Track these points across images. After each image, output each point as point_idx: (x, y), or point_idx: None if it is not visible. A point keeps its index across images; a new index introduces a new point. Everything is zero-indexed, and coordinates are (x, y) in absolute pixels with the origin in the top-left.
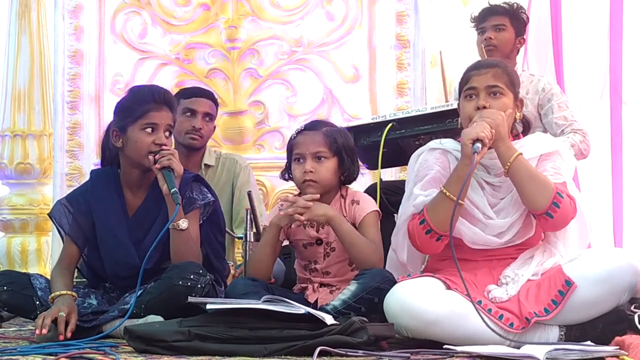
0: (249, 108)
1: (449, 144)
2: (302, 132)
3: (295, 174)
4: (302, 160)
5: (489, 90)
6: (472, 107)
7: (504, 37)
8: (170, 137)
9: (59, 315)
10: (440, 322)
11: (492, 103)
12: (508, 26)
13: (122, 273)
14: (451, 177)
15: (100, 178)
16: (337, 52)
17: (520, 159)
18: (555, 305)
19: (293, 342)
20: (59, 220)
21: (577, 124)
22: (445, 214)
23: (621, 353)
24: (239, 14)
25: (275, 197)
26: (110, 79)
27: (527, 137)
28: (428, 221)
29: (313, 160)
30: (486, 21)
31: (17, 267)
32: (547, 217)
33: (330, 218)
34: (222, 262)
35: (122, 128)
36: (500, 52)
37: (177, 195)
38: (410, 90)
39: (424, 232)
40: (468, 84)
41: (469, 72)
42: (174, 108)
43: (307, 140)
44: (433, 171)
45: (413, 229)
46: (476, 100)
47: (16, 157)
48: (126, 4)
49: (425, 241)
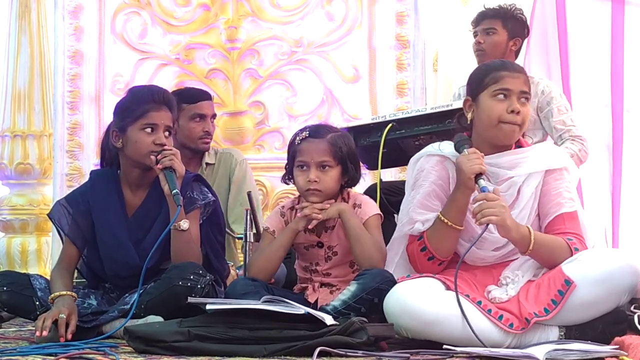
0: (248, 108)
1: (448, 149)
2: (307, 140)
3: (298, 180)
4: (305, 168)
5: (522, 96)
6: (504, 108)
7: (493, 41)
8: (170, 137)
9: (59, 317)
10: (440, 322)
11: (522, 109)
12: (499, 29)
13: (122, 273)
14: (450, 206)
15: (99, 178)
16: (337, 53)
17: (536, 239)
18: (555, 305)
19: (293, 342)
20: (58, 220)
21: (576, 130)
22: (447, 242)
23: (621, 353)
24: (239, 15)
25: (275, 198)
26: (110, 79)
27: (532, 148)
28: (430, 249)
29: (317, 169)
30: (479, 25)
31: (17, 267)
32: None
33: (342, 211)
34: (222, 262)
35: (122, 128)
36: (491, 56)
37: (179, 196)
38: (410, 91)
39: (425, 258)
40: (500, 84)
41: (499, 71)
42: (173, 108)
43: (311, 149)
44: (429, 182)
45: (414, 254)
46: (508, 102)
47: (16, 158)
48: (126, 4)
49: (428, 266)
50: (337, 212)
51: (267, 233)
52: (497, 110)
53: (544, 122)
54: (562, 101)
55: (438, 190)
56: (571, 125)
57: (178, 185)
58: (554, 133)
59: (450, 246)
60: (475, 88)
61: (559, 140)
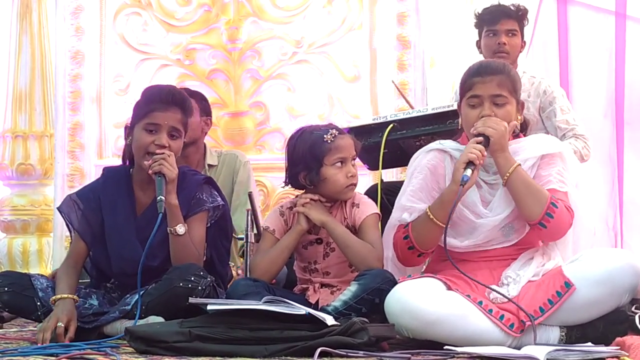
0: (249, 109)
1: (449, 144)
2: (340, 136)
3: (338, 177)
4: (343, 164)
5: (494, 100)
6: (476, 115)
7: (516, 43)
8: (177, 140)
9: (58, 326)
10: (441, 322)
11: (497, 112)
12: (519, 31)
13: (128, 270)
14: (437, 201)
15: (112, 176)
16: (338, 53)
17: (518, 170)
18: (551, 305)
19: (294, 342)
20: (67, 215)
21: (579, 129)
22: (428, 236)
23: (622, 354)
24: (240, 15)
25: (276, 198)
26: (111, 79)
27: (528, 137)
28: (411, 238)
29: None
30: (498, 24)
31: (18, 267)
32: (541, 227)
33: (324, 222)
34: (225, 267)
35: (132, 125)
36: (511, 58)
37: (162, 203)
38: (411, 91)
39: (406, 247)
40: (471, 91)
41: (471, 77)
42: (186, 109)
43: (349, 145)
44: (421, 177)
45: (397, 242)
46: (480, 109)
47: (17, 158)
48: (127, 4)
49: (407, 255)
50: (320, 222)
51: (267, 232)
52: (470, 118)
53: (546, 122)
54: (565, 101)
55: (430, 183)
56: (574, 124)
57: (172, 188)
58: (557, 132)
59: (430, 240)
60: (459, 94)
61: (562, 139)
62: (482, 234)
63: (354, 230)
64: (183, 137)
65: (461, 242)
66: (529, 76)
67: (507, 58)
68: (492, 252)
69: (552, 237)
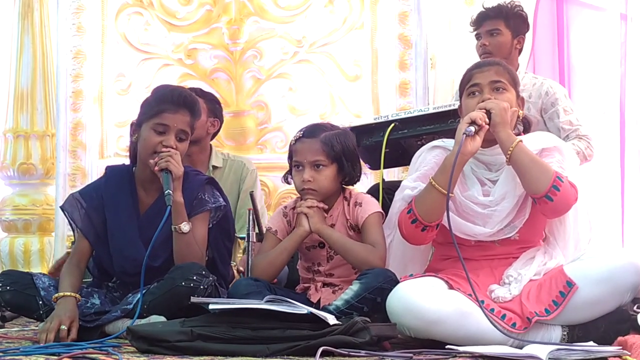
0: (251, 108)
1: (451, 143)
2: (301, 140)
3: (294, 180)
4: (301, 168)
5: (493, 86)
6: (476, 103)
7: (499, 42)
8: (184, 142)
9: (61, 329)
10: (443, 321)
11: (497, 97)
12: (503, 29)
13: (130, 270)
14: (440, 168)
15: (114, 175)
16: (339, 52)
17: (521, 145)
18: (556, 306)
19: (295, 342)
20: (70, 213)
21: (582, 129)
22: (431, 205)
23: (624, 353)
24: (241, 14)
25: (278, 198)
26: (112, 79)
27: (529, 134)
28: (414, 211)
29: (311, 169)
30: (481, 26)
31: (20, 267)
32: (547, 200)
33: (318, 230)
34: (227, 268)
35: (139, 123)
36: (497, 57)
37: (170, 196)
38: (412, 90)
39: (409, 221)
40: (471, 82)
41: (470, 71)
42: (195, 112)
43: (304, 149)
44: (427, 168)
45: (401, 218)
46: (480, 96)
47: (19, 158)
48: (128, 4)
49: (411, 231)
50: (315, 230)
51: (269, 233)
52: (470, 106)
53: (548, 123)
54: (567, 101)
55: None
56: (578, 124)
57: (177, 185)
58: (561, 133)
59: (434, 210)
60: (459, 92)
61: (565, 140)
62: (492, 224)
63: (356, 229)
64: (189, 138)
65: (475, 227)
66: (530, 77)
67: (492, 58)
68: (494, 251)
69: (556, 212)
